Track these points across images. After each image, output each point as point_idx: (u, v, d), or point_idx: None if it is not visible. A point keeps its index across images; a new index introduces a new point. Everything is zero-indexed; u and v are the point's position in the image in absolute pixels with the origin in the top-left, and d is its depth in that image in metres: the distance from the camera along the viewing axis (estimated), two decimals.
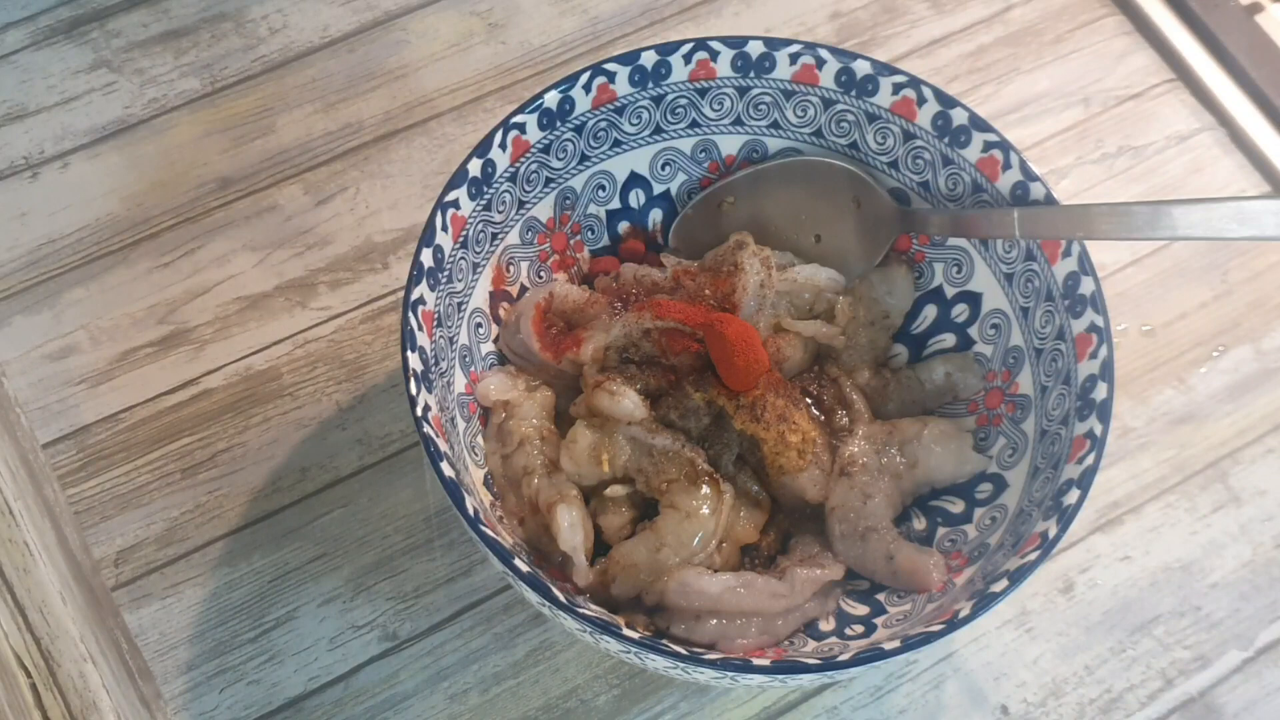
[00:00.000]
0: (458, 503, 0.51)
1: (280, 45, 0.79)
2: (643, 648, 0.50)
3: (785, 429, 0.59)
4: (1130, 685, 0.63)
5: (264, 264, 0.72)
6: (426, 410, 0.53)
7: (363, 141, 0.76)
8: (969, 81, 0.79)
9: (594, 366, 0.60)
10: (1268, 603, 0.65)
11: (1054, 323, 0.58)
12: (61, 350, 0.69)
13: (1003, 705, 0.62)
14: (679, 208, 0.67)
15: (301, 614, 0.63)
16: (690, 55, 0.62)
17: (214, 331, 0.70)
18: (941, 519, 0.61)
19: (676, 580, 0.56)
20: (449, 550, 0.65)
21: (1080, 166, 0.76)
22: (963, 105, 0.61)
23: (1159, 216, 0.53)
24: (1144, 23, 0.81)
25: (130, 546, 0.64)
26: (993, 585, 0.52)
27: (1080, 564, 0.65)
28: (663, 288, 0.63)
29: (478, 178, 0.60)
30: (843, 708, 0.62)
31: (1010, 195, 0.60)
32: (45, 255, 0.72)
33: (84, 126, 0.76)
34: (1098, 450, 0.54)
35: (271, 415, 0.68)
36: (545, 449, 0.60)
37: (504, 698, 0.62)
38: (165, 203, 0.74)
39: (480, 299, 0.62)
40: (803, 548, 0.60)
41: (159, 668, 0.62)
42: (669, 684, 0.62)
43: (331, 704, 0.61)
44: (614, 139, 0.64)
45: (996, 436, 0.61)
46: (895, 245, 0.65)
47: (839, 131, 0.64)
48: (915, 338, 0.65)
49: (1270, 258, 0.74)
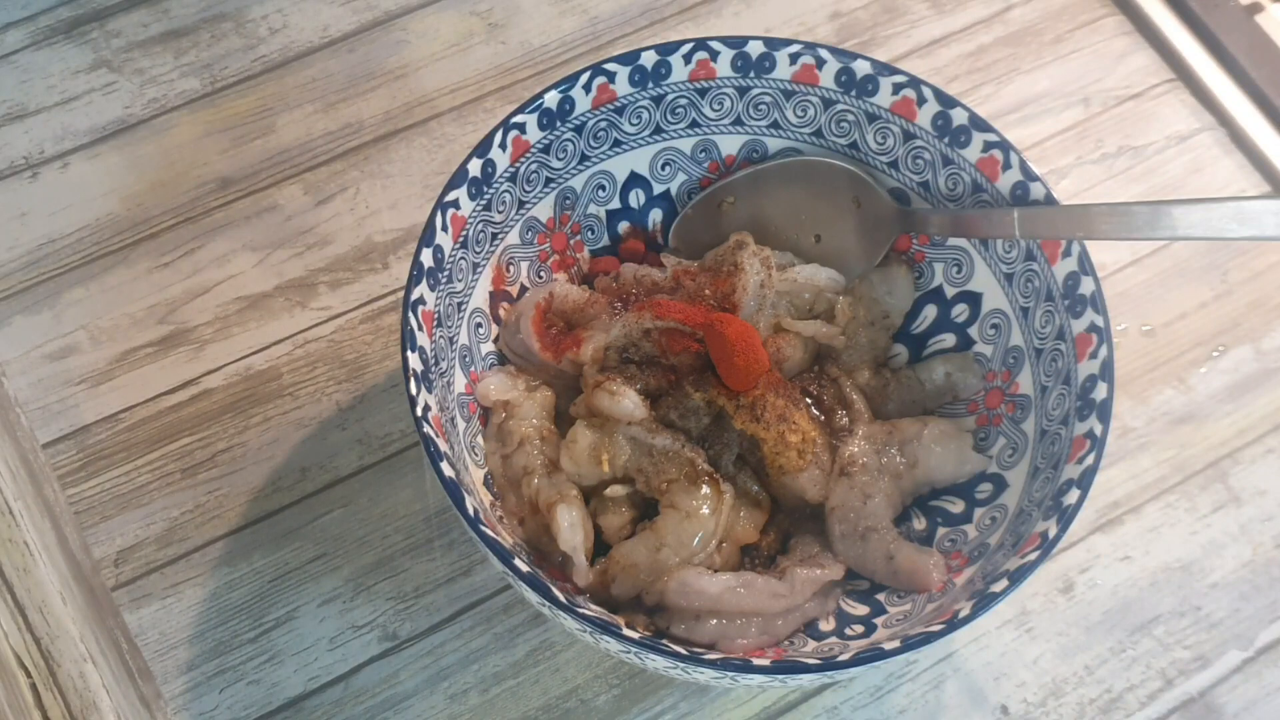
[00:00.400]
0: (458, 503, 0.51)
1: (280, 45, 0.79)
2: (643, 648, 0.50)
3: (785, 429, 0.59)
4: (1130, 685, 0.63)
5: (264, 264, 0.72)
6: (426, 410, 0.53)
7: (363, 141, 0.76)
8: (969, 81, 0.79)
9: (594, 366, 0.60)
10: (1268, 603, 0.65)
11: (1054, 323, 0.58)
12: (61, 350, 0.69)
13: (1003, 705, 0.62)
14: (679, 208, 0.67)
15: (301, 614, 0.63)
16: (690, 55, 0.62)
17: (214, 331, 0.70)
18: (941, 519, 0.61)
19: (676, 580, 0.56)
20: (449, 550, 0.65)
21: (1080, 166, 0.76)
22: (963, 105, 0.61)
23: (1159, 216, 0.53)
24: (1144, 23, 0.81)
25: (130, 546, 0.64)
26: (993, 585, 0.52)
27: (1080, 564, 0.65)
28: (663, 288, 0.63)
29: (478, 178, 0.60)
30: (843, 708, 0.62)
31: (1010, 195, 0.60)
32: (45, 255, 0.72)
33: (84, 126, 0.76)
34: (1098, 450, 0.54)
35: (271, 415, 0.68)
36: (545, 449, 0.60)
37: (504, 698, 0.62)
38: (165, 203, 0.74)
39: (480, 299, 0.62)
40: (803, 548, 0.60)
41: (159, 668, 0.62)
42: (669, 684, 0.62)
43: (331, 704, 0.61)
44: (614, 139, 0.64)
45: (996, 436, 0.61)
46: (895, 245, 0.65)
47: (839, 131, 0.64)
48: (915, 338, 0.65)
49: (1270, 258, 0.74)
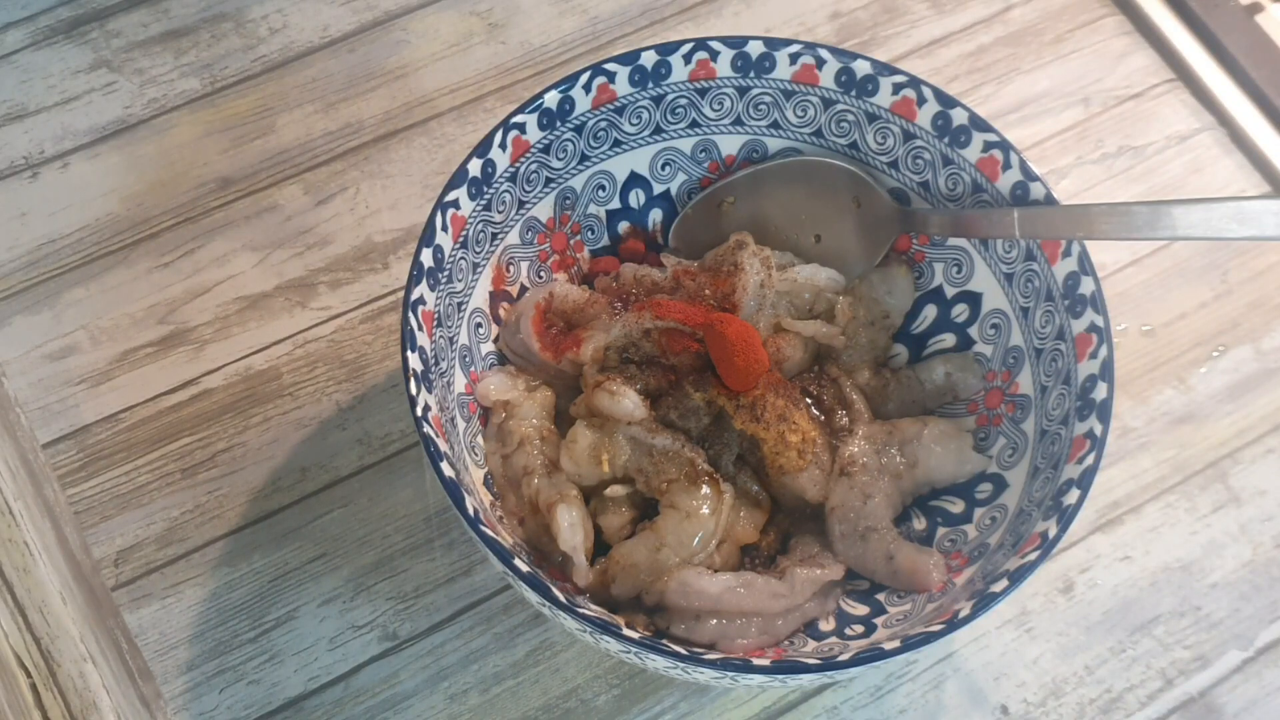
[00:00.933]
0: (458, 503, 0.51)
1: (280, 45, 0.79)
2: (643, 648, 0.50)
3: (785, 429, 0.59)
4: (1130, 685, 0.63)
5: (264, 264, 0.72)
6: (426, 410, 0.53)
7: (363, 141, 0.76)
8: (969, 81, 0.79)
9: (594, 366, 0.60)
10: (1268, 603, 0.65)
11: (1054, 323, 0.58)
12: (61, 350, 0.69)
13: (1003, 705, 0.62)
14: (679, 208, 0.67)
15: (301, 614, 0.63)
16: (690, 55, 0.62)
17: (214, 331, 0.70)
18: (941, 519, 0.61)
19: (676, 580, 0.56)
20: (449, 550, 0.65)
21: (1080, 166, 0.76)
22: (963, 105, 0.61)
23: (1159, 216, 0.53)
24: (1144, 23, 0.81)
25: (130, 546, 0.64)
26: (993, 585, 0.52)
27: (1080, 564, 0.65)
28: (663, 288, 0.63)
29: (478, 178, 0.60)
30: (843, 708, 0.62)
31: (1010, 195, 0.60)
32: (45, 255, 0.72)
33: (84, 126, 0.76)
34: (1098, 450, 0.54)
35: (271, 415, 0.68)
36: (545, 449, 0.60)
37: (504, 698, 0.62)
38: (165, 203, 0.74)
39: (480, 299, 0.62)
40: (803, 548, 0.60)
41: (159, 668, 0.62)
42: (669, 684, 0.62)
43: (331, 704, 0.61)
44: (614, 139, 0.64)
45: (996, 436, 0.61)
46: (895, 245, 0.65)
47: (839, 131, 0.64)
48: (915, 338, 0.65)
49: (1270, 258, 0.74)
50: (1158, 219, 0.53)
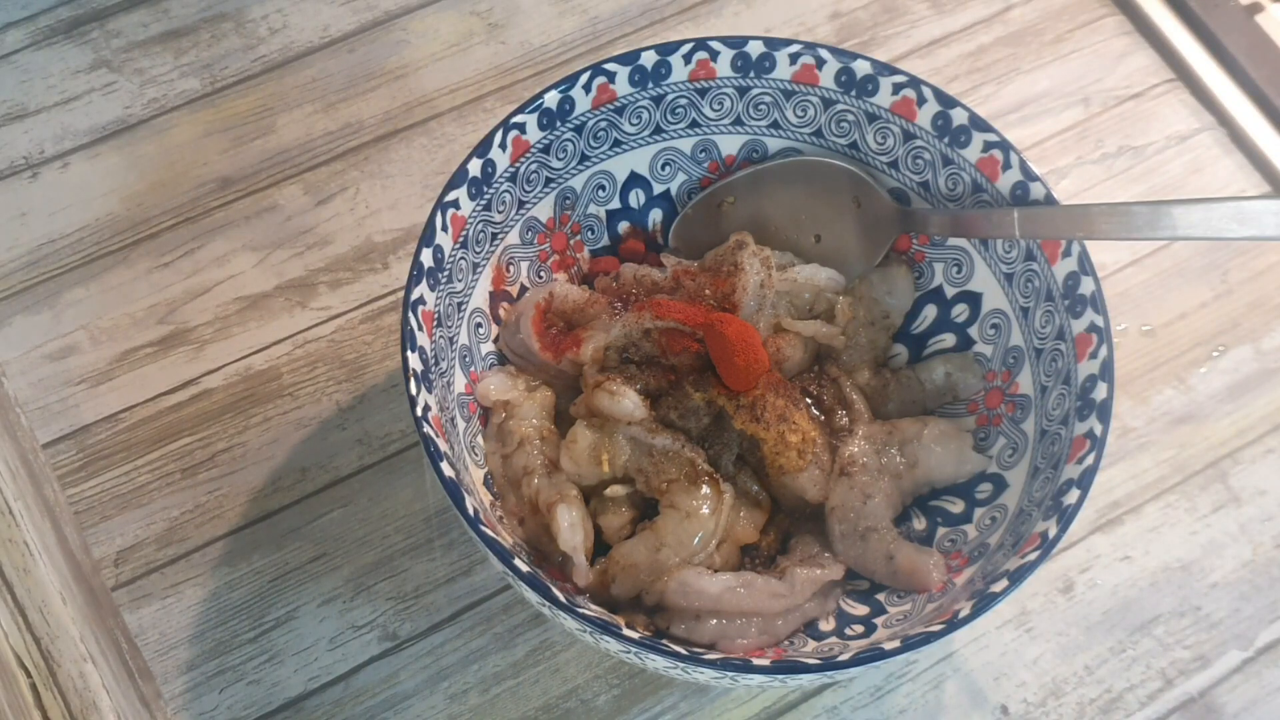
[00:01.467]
0: (458, 503, 0.51)
1: (280, 45, 0.79)
2: (643, 648, 0.50)
3: (785, 429, 0.59)
4: (1130, 685, 0.63)
5: (264, 264, 0.72)
6: (426, 410, 0.53)
7: (363, 141, 0.76)
8: (969, 81, 0.79)
9: (594, 366, 0.60)
10: (1268, 603, 0.65)
11: (1054, 323, 0.58)
12: (61, 350, 0.69)
13: (1003, 705, 0.62)
14: (679, 208, 0.67)
15: (301, 614, 0.63)
16: (690, 55, 0.62)
17: (214, 331, 0.70)
18: (941, 519, 0.61)
19: (676, 580, 0.56)
20: (449, 550, 0.65)
21: (1080, 166, 0.76)
22: (963, 105, 0.61)
23: (1159, 216, 0.53)
24: (1144, 23, 0.81)
25: (130, 546, 0.64)
26: (993, 585, 0.52)
27: (1080, 564, 0.65)
28: (663, 288, 0.63)
29: (478, 178, 0.60)
30: (843, 708, 0.62)
31: (1010, 195, 0.60)
32: (45, 255, 0.72)
33: (84, 126, 0.76)
34: (1098, 450, 0.54)
35: (271, 415, 0.68)
36: (545, 449, 0.60)
37: (504, 698, 0.62)
38: (165, 203, 0.74)
39: (480, 299, 0.62)
40: (803, 548, 0.60)
41: (159, 668, 0.62)
42: (669, 684, 0.62)
43: (331, 704, 0.61)
44: (614, 139, 0.64)
45: (996, 436, 0.61)
46: (895, 245, 0.65)
47: (839, 131, 0.64)
48: (915, 338, 0.65)
49: (1270, 258, 0.74)
50: (1158, 219, 0.53)
